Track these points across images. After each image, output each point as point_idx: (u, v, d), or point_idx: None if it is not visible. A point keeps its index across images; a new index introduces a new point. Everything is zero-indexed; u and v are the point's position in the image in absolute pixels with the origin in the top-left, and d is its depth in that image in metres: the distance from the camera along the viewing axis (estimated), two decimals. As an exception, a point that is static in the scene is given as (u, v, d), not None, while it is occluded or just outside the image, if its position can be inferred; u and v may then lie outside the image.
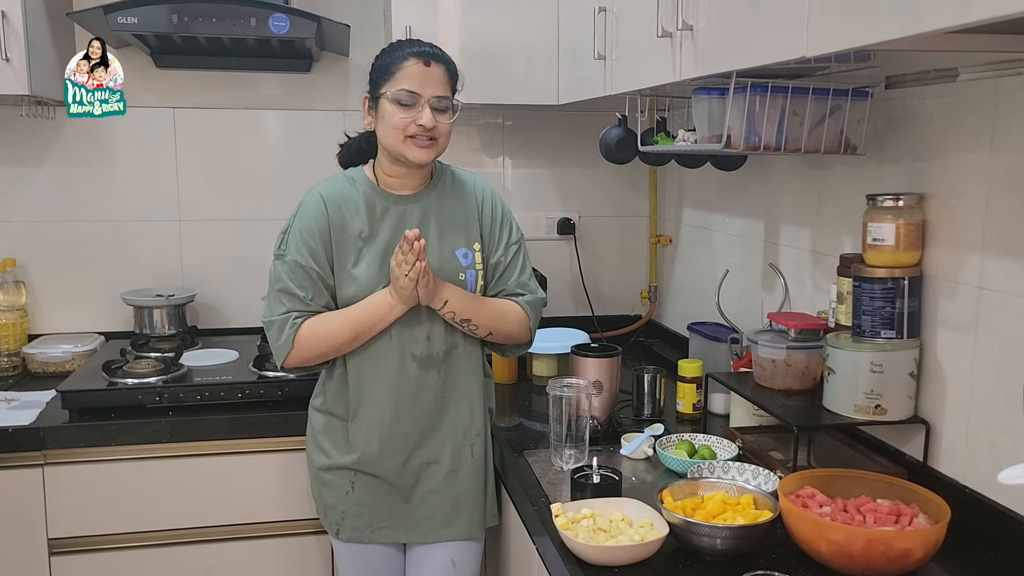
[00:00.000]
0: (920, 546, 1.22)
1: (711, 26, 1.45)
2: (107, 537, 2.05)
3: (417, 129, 1.67)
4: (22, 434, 1.96)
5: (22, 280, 2.50)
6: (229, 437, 2.07)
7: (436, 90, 1.68)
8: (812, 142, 1.58)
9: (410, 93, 1.67)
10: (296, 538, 2.15)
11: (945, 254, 1.47)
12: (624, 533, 1.37)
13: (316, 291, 1.72)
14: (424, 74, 1.67)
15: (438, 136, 1.70)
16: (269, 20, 2.14)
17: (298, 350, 1.71)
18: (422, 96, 1.67)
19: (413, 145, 1.68)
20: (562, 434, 1.74)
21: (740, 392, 1.78)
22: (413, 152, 1.69)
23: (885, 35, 1.00)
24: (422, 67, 1.67)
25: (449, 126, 1.72)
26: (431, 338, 1.76)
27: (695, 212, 2.57)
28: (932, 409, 1.52)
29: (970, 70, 1.39)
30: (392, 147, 1.71)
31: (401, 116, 1.67)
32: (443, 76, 1.70)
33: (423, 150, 1.69)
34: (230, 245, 2.62)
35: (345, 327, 1.70)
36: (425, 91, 1.67)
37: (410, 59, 1.68)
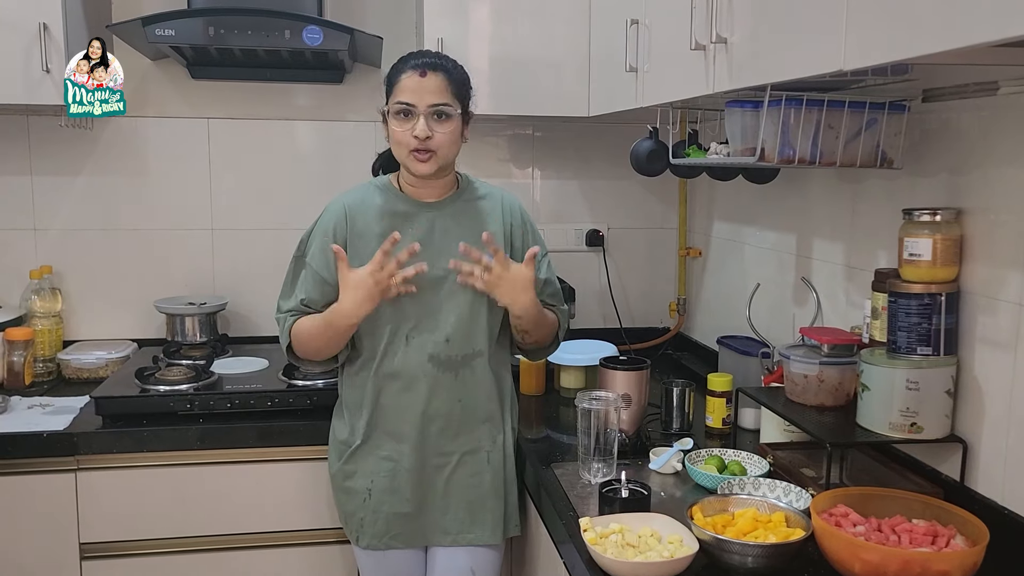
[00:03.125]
0: (958, 568, 1.20)
1: (746, 39, 1.44)
2: (137, 543, 2.07)
3: (414, 142, 1.70)
4: (56, 439, 1.99)
5: (58, 287, 2.54)
6: (258, 445, 2.08)
7: (432, 99, 1.69)
8: (848, 156, 1.57)
9: (405, 105, 1.70)
10: (323, 547, 2.16)
11: (984, 270, 1.45)
12: (653, 549, 1.35)
13: (318, 295, 1.77)
14: (419, 85, 1.69)
15: (435, 148, 1.70)
16: (303, 32, 2.16)
17: (295, 345, 1.80)
18: (417, 107, 1.69)
19: (414, 159, 1.72)
20: (590, 447, 1.73)
21: (771, 407, 1.76)
22: (415, 166, 1.72)
23: (925, 49, 0.99)
24: (417, 78, 1.70)
25: (451, 134, 1.72)
26: (451, 341, 1.77)
27: (726, 225, 2.56)
28: (969, 428, 1.49)
29: (1011, 84, 1.37)
30: (401, 160, 1.76)
31: (401, 130, 1.71)
32: (441, 84, 1.71)
33: (423, 164, 1.71)
34: (262, 254, 2.65)
35: (315, 329, 1.75)
36: (420, 102, 1.69)
37: (407, 71, 1.71)
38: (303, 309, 1.79)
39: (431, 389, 1.78)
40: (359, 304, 1.67)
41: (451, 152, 1.75)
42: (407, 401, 1.78)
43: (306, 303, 1.78)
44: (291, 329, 1.79)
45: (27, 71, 2.10)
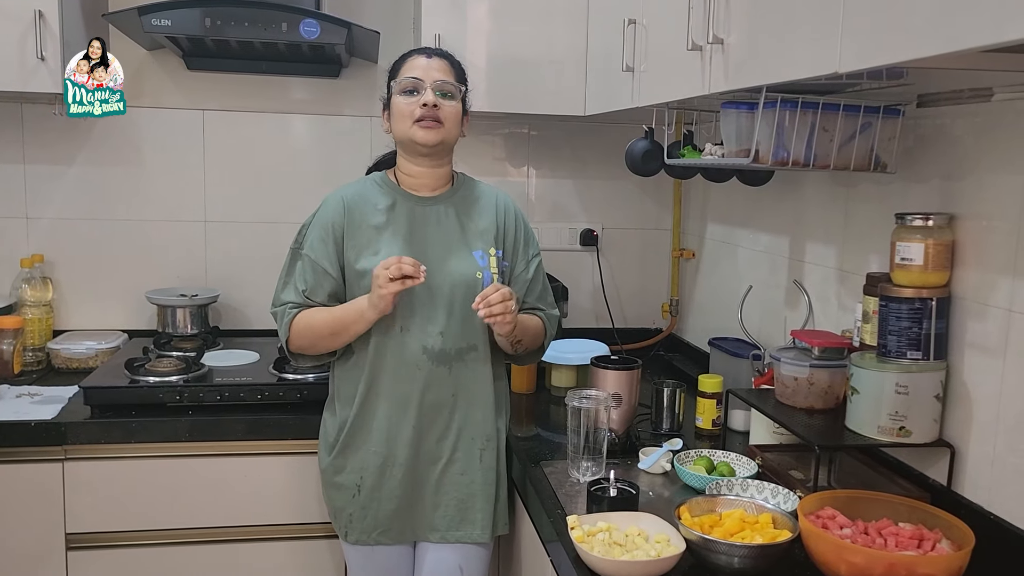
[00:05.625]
0: (943, 572, 1.20)
1: (742, 40, 1.44)
2: (124, 534, 2.06)
3: (422, 110, 1.74)
4: (44, 429, 1.98)
5: (49, 276, 2.53)
6: (247, 438, 2.08)
7: (438, 76, 1.77)
8: (841, 159, 1.57)
9: (413, 79, 1.76)
10: (310, 541, 2.15)
11: (975, 276, 1.45)
12: (640, 548, 1.35)
13: (318, 286, 1.78)
14: (426, 64, 1.78)
15: (444, 119, 1.76)
16: (300, 25, 2.16)
17: (293, 339, 1.79)
18: (424, 81, 1.76)
19: (419, 127, 1.75)
20: (579, 446, 1.73)
21: (761, 409, 1.76)
22: (420, 134, 1.75)
23: (920, 52, 0.99)
24: (424, 59, 1.79)
25: (456, 112, 1.79)
26: (444, 334, 1.77)
27: (719, 227, 2.56)
28: (958, 433, 1.49)
29: (1005, 90, 1.37)
30: (403, 135, 1.78)
31: (408, 102, 1.76)
32: (446, 66, 1.80)
33: (429, 131, 1.75)
34: (255, 247, 2.64)
35: (325, 324, 1.77)
36: (428, 76, 1.77)
37: (413, 55, 1.81)
38: (306, 302, 1.79)
39: (424, 383, 1.78)
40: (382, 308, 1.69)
41: (454, 131, 1.80)
42: (399, 396, 1.78)
43: (308, 294, 1.78)
44: (291, 323, 1.78)
45: (22, 59, 2.09)
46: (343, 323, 1.75)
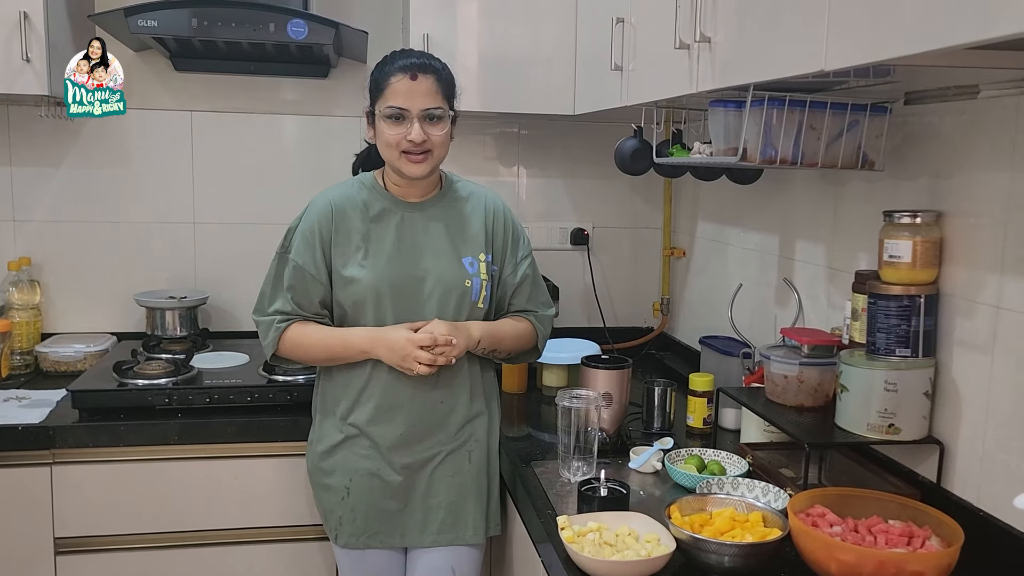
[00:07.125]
0: (932, 569, 1.20)
1: (729, 38, 1.44)
2: (113, 538, 2.05)
3: (408, 145, 1.69)
4: (31, 432, 1.97)
5: (37, 279, 2.51)
6: (237, 440, 2.07)
7: (424, 103, 1.69)
8: (829, 157, 1.57)
9: (398, 110, 1.69)
10: (301, 544, 2.14)
11: (963, 273, 1.45)
12: (630, 548, 1.35)
13: (306, 293, 1.76)
14: (411, 89, 1.69)
15: (431, 148, 1.71)
16: (288, 26, 2.15)
17: (281, 351, 1.79)
18: (410, 111, 1.69)
19: (407, 161, 1.71)
20: (570, 445, 1.72)
21: (751, 408, 1.76)
22: (408, 168, 1.72)
23: (905, 49, 0.99)
24: (408, 82, 1.69)
25: (443, 135, 1.73)
26: None
27: (710, 225, 2.56)
28: (947, 430, 1.50)
29: (991, 87, 1.37)
30: (390, 162, 1.75)
31: (393, 132, 1.70)
32: (432, 86, 1.71)
33: (417, 165, 1.72)
34: (244, 249, 2.63)
35: (322, 349, 1.77)
36: (413, 105, 1.69)
37: (396, 74, 1.70)
38: (297, 312, 1.77)
39: (414, 387, 1.77)
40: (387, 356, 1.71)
41: (443, 152, 1.76)
42: (389, 398, 1.77)
43: (298, 304, 1.76)
44: (281, 335, 1.76)
45: (7, 61, 2.08)
46: (340, 354, 1.76)
